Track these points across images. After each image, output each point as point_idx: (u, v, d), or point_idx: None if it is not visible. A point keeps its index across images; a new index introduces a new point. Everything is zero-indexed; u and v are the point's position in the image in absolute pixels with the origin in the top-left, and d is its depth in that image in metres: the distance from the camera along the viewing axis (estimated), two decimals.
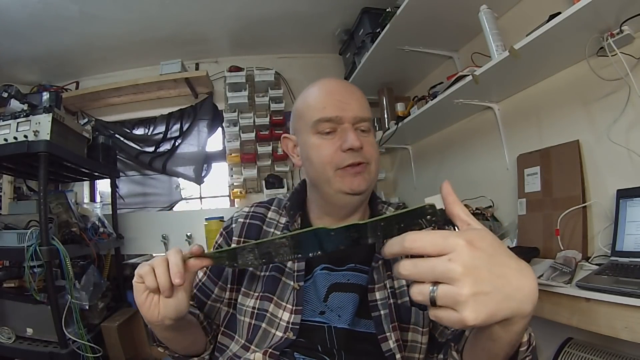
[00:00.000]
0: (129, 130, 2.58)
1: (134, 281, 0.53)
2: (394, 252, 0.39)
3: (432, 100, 1.62)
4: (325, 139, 0.68)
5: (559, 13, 0.99)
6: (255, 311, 0.68)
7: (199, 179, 2.56)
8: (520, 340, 0.45)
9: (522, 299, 0.36)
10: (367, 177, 0.68)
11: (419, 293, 0.37)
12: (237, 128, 2.45)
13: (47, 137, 1.52)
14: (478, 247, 0.36)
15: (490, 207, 1.61)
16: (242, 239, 0.75)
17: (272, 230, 0.76)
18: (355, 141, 0.65)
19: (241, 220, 0.77)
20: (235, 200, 2.55)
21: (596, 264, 1.04)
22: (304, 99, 0.74)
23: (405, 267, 0.37)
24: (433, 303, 0.36)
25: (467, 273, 0.34)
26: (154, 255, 2.31)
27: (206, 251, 0.54)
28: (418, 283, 0.37)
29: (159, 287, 0.51)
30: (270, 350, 0.62)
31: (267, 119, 2.43)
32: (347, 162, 0.66)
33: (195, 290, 0.76)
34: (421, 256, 0.37)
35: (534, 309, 0.38)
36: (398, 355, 0.61)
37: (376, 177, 0.72)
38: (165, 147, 2.56)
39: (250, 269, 0.72)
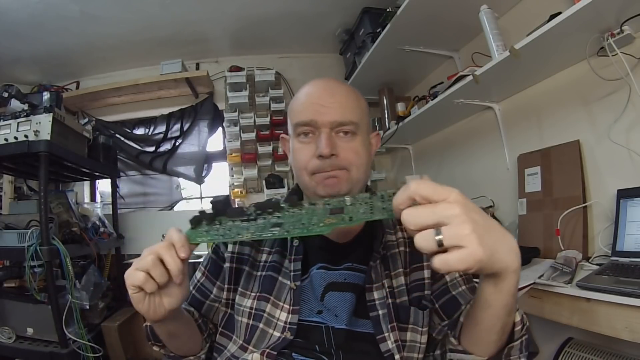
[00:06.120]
0: (129, 130, 2.58)
1: (130, 294, 0.51)
2: (402, 199, 0.41)
3: (432, 100, 1.62)
4: (304, 143, 0.67)
5: (560, 13, 0.99)
6: (253, 311, 0.67)
7: (199, 179, 2.56)
8: (513, 305, 0.47)
9: (509, 252, 0.41)
10: (344, 183, 0.64)
11: (424, 239, 0.38)
12: (237, 128, 2.45)
13: (48, 137, 1.52)
14: (468, 201, 0.40)
15: (490, 207, 1.61)
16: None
17: None
18: (325, 148, 0.62)
19: None
20: (236, 200, 2.55)
21: (596, 264, 1.04)
22: (292, 101, 0.74)
23: (409, 213, 0.40)
24: (440, 245, 0.37)
25: (465, 212, 0.38)
26: None
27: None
28: (420, 232, 0.39)
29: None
30: (267, 350, 0.62)
31: (268, 119, 2.43)
32: (319, 169, 0.64)
33: (193, 291, 0.76)
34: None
35: (519, 266, 0.42)
36: (397, 356, 0.61)
37: (360, 181, 0.67)
38: (166, 147, 2.56)
39: (246, 267, 0.72)
